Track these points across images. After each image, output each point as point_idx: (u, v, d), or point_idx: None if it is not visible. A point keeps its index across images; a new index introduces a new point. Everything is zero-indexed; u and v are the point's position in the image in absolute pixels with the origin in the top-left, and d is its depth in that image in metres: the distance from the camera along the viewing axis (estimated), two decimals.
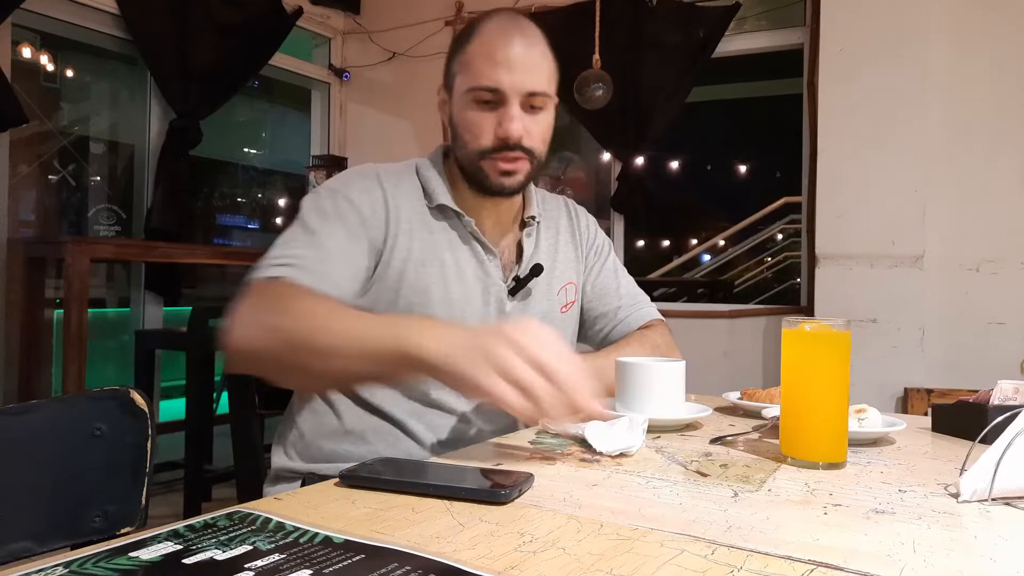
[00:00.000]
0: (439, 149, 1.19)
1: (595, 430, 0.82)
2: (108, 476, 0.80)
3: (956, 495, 0.67)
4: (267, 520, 0.56)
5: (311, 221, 1.05)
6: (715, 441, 0.91)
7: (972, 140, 2.70)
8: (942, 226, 2.72)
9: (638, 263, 5.69)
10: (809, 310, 2.94)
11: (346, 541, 0.51)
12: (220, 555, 0.48)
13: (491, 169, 1.08)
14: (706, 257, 6.93)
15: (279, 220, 4.83)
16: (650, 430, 0.91)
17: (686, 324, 3.08)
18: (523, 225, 1.20)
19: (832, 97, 2.86)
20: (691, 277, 6.71)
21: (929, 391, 2.65)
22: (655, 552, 0.51)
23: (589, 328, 1.29)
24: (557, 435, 0.93)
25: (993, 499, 0.65)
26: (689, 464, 0.79)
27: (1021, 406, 0.80)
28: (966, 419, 0.96)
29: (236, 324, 0.91)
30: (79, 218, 3.51)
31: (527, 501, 0.63)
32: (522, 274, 1.15)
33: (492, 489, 0.63)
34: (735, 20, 3.18)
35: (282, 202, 4.92)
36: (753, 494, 0.67)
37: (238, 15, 3.31)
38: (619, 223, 3.45)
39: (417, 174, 1.15)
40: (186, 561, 0.47)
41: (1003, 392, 0.94)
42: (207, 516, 0.56)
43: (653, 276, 6.18)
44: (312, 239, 1.02)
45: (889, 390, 2.72)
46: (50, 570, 0.45)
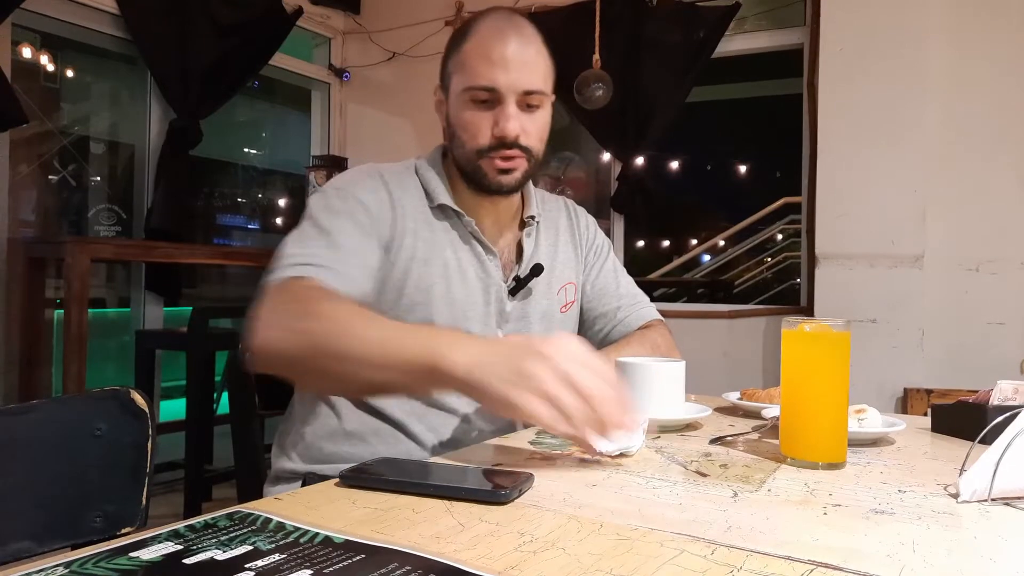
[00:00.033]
0: (438, 149, 1.19)
1: None
2: (108, 476, 0.80)
3: (956, 495, 0.67)
4: (267, 520, 0.56)
5: (323, 220, 1.03)
6: (715, 441, 0.91)
7: (972, 140, 2.71)
8: (942, 226, 2.72)
9: (638, 263, 5.69)
10: (809, 310, 2.94)
11: (346, 541, 0.51)
12: (220, 555, 0.48)
13: (489, 168, 1.08)
14: (706, 257, 6.93)
15: (279, 220, 4.83)
16: (650, 430, 0.91)
17: (686, 324, 3.08)
18: (523, 225, 1.20)
19: (832, 97, 2.86)
20: (691, 277, 6.71)
21: (929, 391, 2.65)
22: (655, 552, 0.51)
23: (589, 328, 1.29)
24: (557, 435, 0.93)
25: (993, 499, 0.65)
26: (689, 464, 0.79)
27: (1021, 406, 0.80)
28: (966, 419, 0.96)
29: (261, 324, 0.90)
30: (79, 218, 3.51)
31: (527, 501, 0.63)
32: (522, 274, 1.15)
33: (492, 489, 0.63)
34: (735, 20, 3.18)
35: (282, 202, 4.92)
36: (753, 494, 0.67)
37: (238, 15, 3.31)
38: (619, 223, 3.45)
39: (417, 174, 1.15)
40: (186, 561, 0.47)
41: (1003, 392, 0.94)
42: (207, 516, 0.56)
43: (653, 276, 6.18)
44: (327, 238, 1.01)
45: (889, 390, 2.72)
46: (50, 570, 0.45)
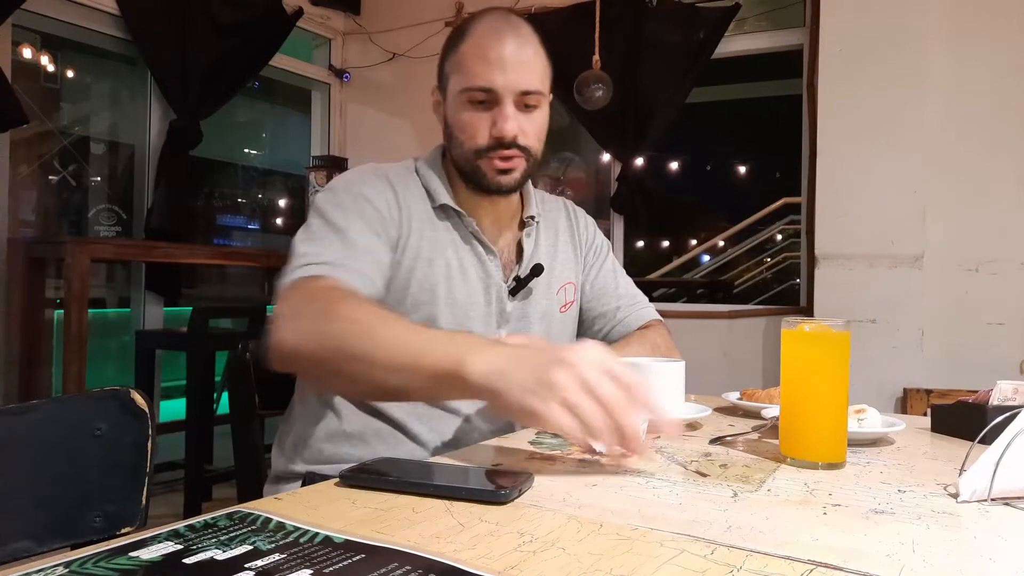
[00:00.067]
0: (437, 149, 1.19)
1: None
2: (108, 476, 0.80)
3: (955, 495, 0.67)
4: (267, 520, 0.56)
5: (336, 218, 1.03)
6: (715, 441, 0.91)
7: (972, 140, 2.71)
8: (942, 226, 2.72)
9: (638, 263, 5.70)
10: (809, 310, 2.94)
11: (346, 541, 0.51)
12: (220, 555, 0.48)
13: (488, 168, 1.08)
14: (706, 257, 6.93)
15: (279, 221, 4.83)
16: (650, 430, 0.91)
17: (686, 324, 3.08)
18: (522, 225, 1.20)
19: (832, 97, 2.86)
20: (691, 278, 6.71)
21: (928, 391, 2.65)
22: (655, 552, 0.51)
23: (588, 328, 1.29)
24: (557, 435, 0.93)
25: (992, 499, 0.65)
26: (689, 464, 0.79)
27: (1020, 406, 0.80)
28: (965, 419, 0.96)
29: (281, 323, 0.90)
30: (79, 218, 3.51)
31: (527, 501, 0.63)
32: (522, 274, 1.15)
33: (492, 489, 0.63)
34: (735, 21, 3.18)
35: (282, 203, 4.92)
36: (753, 494, 0.67)
37: (238, 15, 3.31)
38: (619, 223, 3.45)
39: (417, 174, 1.15)
40: (186, 561, 0.47)
41: (1002, 392, 0.94)
42: (207, 516, 0.56)
43: (653, 276, 6.18)
44: (341, 236, 1.01)
45: (888, 390, 2.72)
46: (50, 570, 0.45)
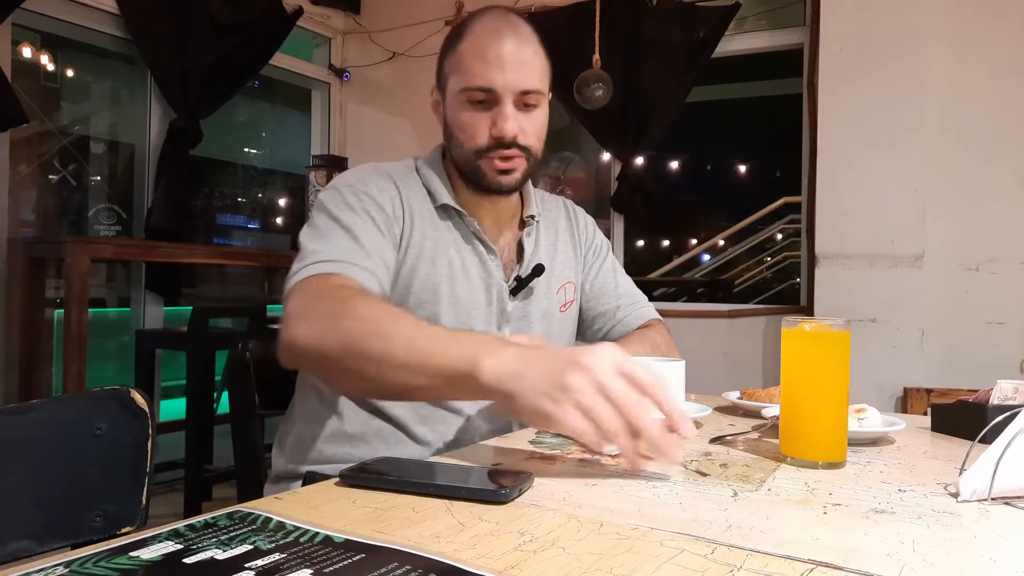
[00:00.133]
0: (437, 149, 1.19)
1: None
2: (108, 476, 0.80)
3: (956, 495, 0.67)
4: (267, 520, 0.56)
5: (342, 217, 1.03)
6: (715, 441, 0.91)
7: (972, 140, 2.71)
8: (942, 226, 2.72)
9: (638, 263, 5.69)
10: (809, 310, 2.94)
11: (346, 541, 0.51)
12: (220, 555, 0.48)
13: (488, 168, 1.08)
14: (706, 257, 6.93)
15: (279, 220, 4.83)
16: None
17: (686, 324, 3.08)
18: (523, 224, 1.20)
19: (832, 97, 2.86)
20: (691, 277, 6.71)
21: (928, 391, 2.65)
22: (655, 551, 0.51)
23: (588, 327, 1.29)
24: (557, 435, 0.93)
25: (993, 499, 0.65)
26: (689, 464, 0.79)
27: (1020, 406, 0.80)
28: (965, 419, 0.96)
29: (294, 320, 0.90)
30: (79, 218, 3.51)
31: (527, 501, 0.63)
32: (523, 274, 1.15)
33: (492, 489, 0.63)
34: (735, 20, 3.18)
35: (282, 202, 4.92)
36: (753, 494, 0.67)
37: (238, 15, 3.31)
38: (619, 223, 3.45)
39: (418, 174, 1.15)
40: (186, 561, 0.47)
41: (1002, 392, 0.94)
42: (207, 516, 0.56)
43: (653, 276, 6.18)
44: (349, 235, 1.01)
45: (889, 390, 2.72)
46: (50, 570, 0.45)
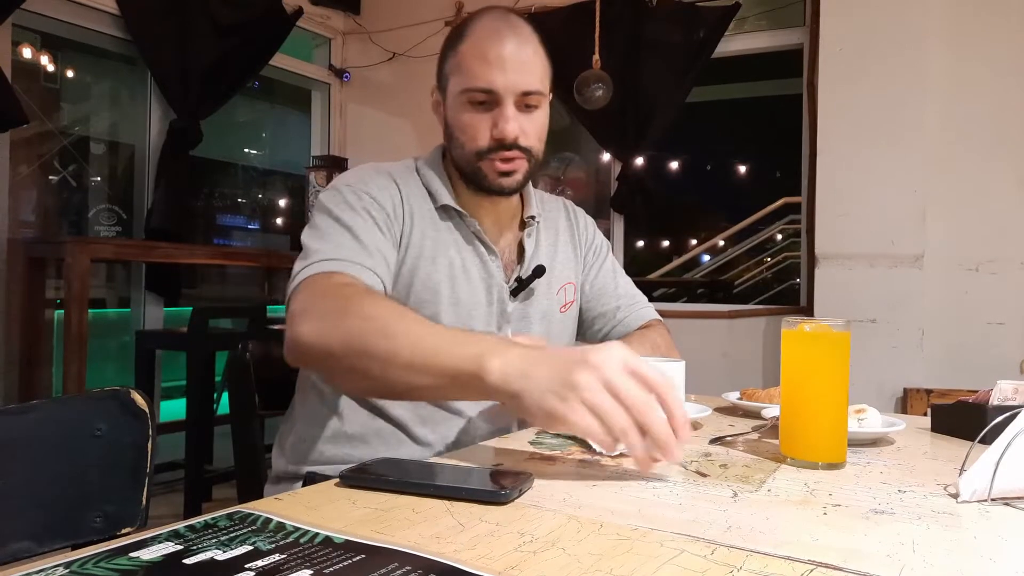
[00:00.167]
0: (437, 149, 1.18)
1: None
2: (108, 476, 0.80)
3: (956, 495, 0.67)
4: (267, 520, 0.56)
5: (343, 216, 1.03)
6: (715, 441, 0.91)
7: (972, 140, 2.71)
8: (942, 226, 2.72)
9: (638, 263, 5.70)
10: (809, 310, 2.94)
11: (346, 541, 0.51)
12: (221, 555, 0.48)
13: (489, 169, 1.08)
14: (706, 257, 6.93)
15: (279, 220, 4.83)
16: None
17: (686, 324, 3.08)
18: (523, 225, 1.20)
19: (832, 97, 2.86)
20: (691, 277, 6.71)
21: (928, 391, 2.65)
22: (655, 552, 0.51)
23: (588, 328, 1.29)
24: (557, 435, 0.93)
25: (992, 499, 0.65)
26: (689, 464, 0.79)
27: (1020, 406, 0.80)
28: (965, 419, 0.96)
29: (299, 318, 0.90)
30: (79, 218, 3.51)
31: (527, 501, 0.63)
32: (524, 274, 1.15)
33: (492, 489, 0.63)
34: (735, 20, 3.18)
35: (282, 202, 4.92)
36: (753, 494, 0.67)
37: (238, 15, 3.31)
38: (619, 223, 3.45)
39: (418, 174, 1.15)
40: (186, 561, 0.47)
41: (1002, 392, 0.94)
42: (207, 516, 0.56)
43: (653, 276, 6.18)
44: (350, 234, 1.01)
45: (889, 390, 2.72)
46: (50, 570, 0.45)
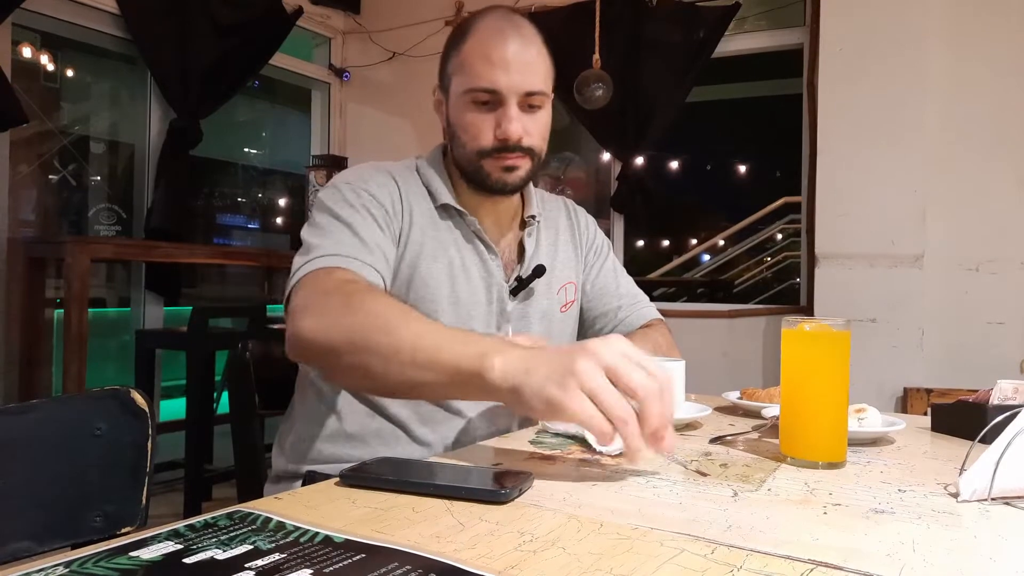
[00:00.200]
0: (438, 148, 1.19)
1: None
2: (108, 476, 0.80)
3: (956, 495, 0.67)
4: (267, 520, 0.56)
5: (343, 213, 1.03)
6: (715, 441, 0.91)
7: (972, 140, 2.71)
8: (942, 226, 2.72)
9: (638, 263, 5.69)
10: (809, 310, 2.94)
11: (346, 541, 0.51)
12: (220, 555, 0.48)
13: (491, 167, 1.07)
14: (706, 257, 6.93)
15: (279, 220, 4.83)
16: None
17: (686, 324, 3.08)
18: (523, 225, 1.20)
19: (832, 97, 2.86)
20: (691, 277, 6.71)
21: (929, 391, 2.65)
22: (655, 551, 0.51)
23: (589, 327, 1.29)
24: (557, 435, 0.93)
25: (993, 499, 0.65)
26: (689, 464, 0.79)
27: (1020, 406, 0.80)
28: (965, 419, 0.96)
29: (300, 313, 0.89)
30: (79, 218, 3.51)
31: (527, 501, 0.63)
32: (524, 274, 1.15)
33: (492, 489, 0.63)
34: (735, 20, 3.18)
35: (282, 202, 4.92)
36: (753, 494, 0.67)
37: (238, 15, 3.31)
38: (619, 223, 3.45)
39: (418, 173, 1.15)
40: (186, 561, 0.47)
41: (1002, 392, 0.94)
42: (207, 516, 0.56)
43: (653, 276, 6.18)
44: (351, 231, 1.01)
45: (889, 390, 2.72)
46: (50, 570, 0.45)
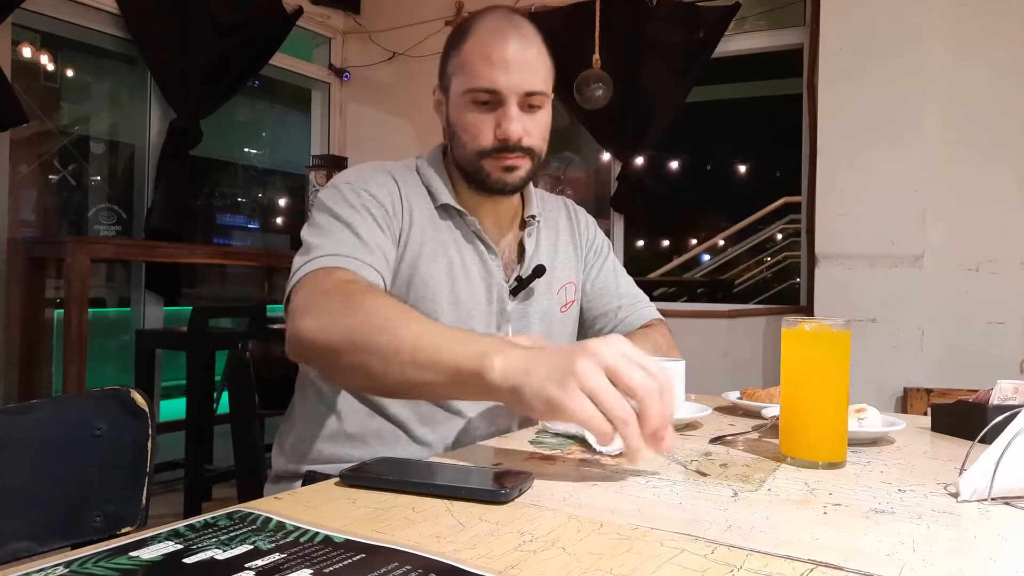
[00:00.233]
0: (438, 148, 1.19)
1: None
2: (108, 476, 0.80)
3: (956, 495, 0.67)
4: (267, 520, 0.56)
5: (343, 213, 1.03)
6: (715, 441, 0.91)
7: (972, 140, 2.71)
8: (942, 226, 2.72)
9: (638, 263, 5.69)
10: (809, 310, 2.94)
11: (346, 541, 0.51)
12: (220, 555, 0.48)
13: (492, 167, 1.07)
14: (706, 257, 6.93)
15: (279, 220, 4.83)
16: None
17: (686, 324, 3.08)
18: (523, 225, 1.20)
19: (832, 97, 2.86)
20: (691, 277, 6.71)
21: (928, 391, 2.65)
22: (655, 551, 0.51)
23: (589, 327, 1.29)
24: (557, 435, 0.93)
25: (993, 499, 0.65)
26: (689, 464, 0.79)
27: (1020, 406, 0.80)
28: (965, 419, 0.96)
29: (301, 313, 0.89)
30: (79, 218, 3.51)
31: (527, 501, 0.63)
32: (524, 274, 1.15)
33: (492, 489, 0.63)
34: (735, 20, 3.18)
35: (282, 202, 4.92)
36: (753, 494, 0.67)
37: (238, 15, 3.31)
38: (619, 223, 3.45)
39: (418, 173, 1.15)
40: (186, 561, 0.47)
41: (1002, 392, 0.94)
42: (207, 516, 0.56)
43: (653, 276, 6.18)
44: (351, 231, 1.01)
45: (889, 390, 2.72)
46: (50, 570, 0.45)
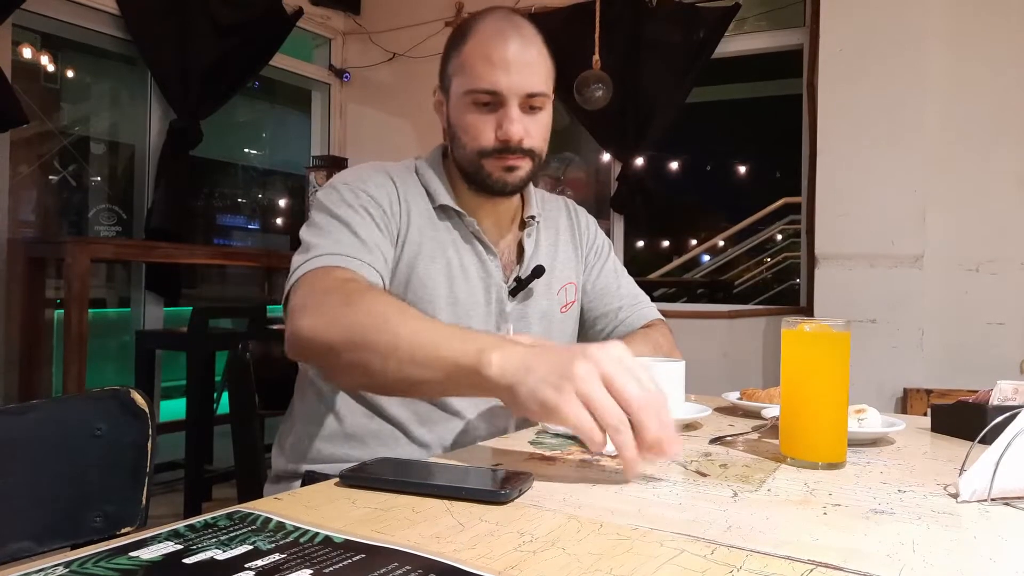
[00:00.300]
0: (438, 149, 1.19)
1: None
2: (108, 476, 0.80)
3: (956, 495, 0.67)
4: (267, 520, 0.56)
5: (341, 213, 1.03)
6: (715, 441, 0.91)
7: (971, 140, 2.71)
8: (942, 226, 2.72)
9: (638, 263, 5.69)
10: (809, 310, 2.94)
11: (346, 541, 0.51)
12: (220, 555, 0.48)
13: (492, 168, 1.07)
14: (706, 257, 6.93)
15: (279, 220, 4.83)
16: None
17: (686, 324, 3.08)
18: (523, 225, 1.20)
19: (832, 97, 2.86)
20: (691, 277, 6.72)
21: (928, 391, 2.65)
22: (655, 552, 0.51)
23: (590, 328, 1.29)
24: (557, 435, 0.93)
25: (992, 499, 0.65)
26: (689, 464, 0.79)
27: (1020, 406, 0.80)
28: (965, 419, 0.96)
29: (300, 312, 0.89)
30: (79, 218, 3.52)
31: (527, 501, 0.63)
32: (523, 275, 1.15)
33: (492, 489, 0.63)
34: (735, 21, 3.18)
35: (282, 202, 4.92)
36: (753, 494, 0.67)
37: (238, 15, 3.31)
38: (619, 223, 3.45)
39: (417, 174, 1.15)
40: (186, 561, 0.47)
41: (1002, 392, 0.94)
42: (207, 516, 0.56)
43: (653, 276, 6.18)
44: (349, 230, 1.01)
45: (888, 390, 2.72)
46: (50, 570, 0.45)
